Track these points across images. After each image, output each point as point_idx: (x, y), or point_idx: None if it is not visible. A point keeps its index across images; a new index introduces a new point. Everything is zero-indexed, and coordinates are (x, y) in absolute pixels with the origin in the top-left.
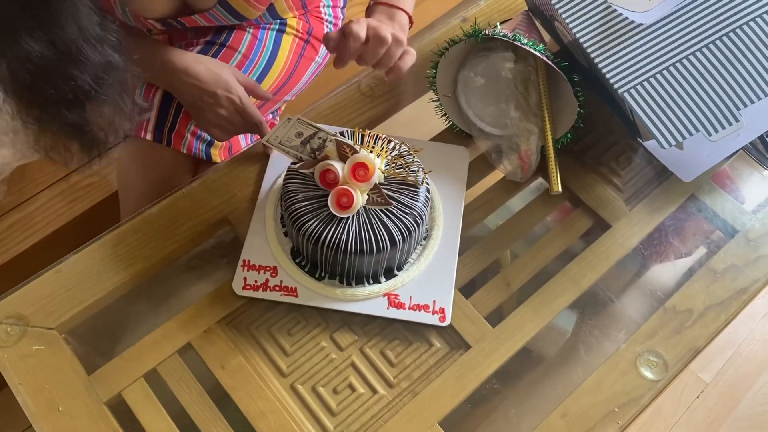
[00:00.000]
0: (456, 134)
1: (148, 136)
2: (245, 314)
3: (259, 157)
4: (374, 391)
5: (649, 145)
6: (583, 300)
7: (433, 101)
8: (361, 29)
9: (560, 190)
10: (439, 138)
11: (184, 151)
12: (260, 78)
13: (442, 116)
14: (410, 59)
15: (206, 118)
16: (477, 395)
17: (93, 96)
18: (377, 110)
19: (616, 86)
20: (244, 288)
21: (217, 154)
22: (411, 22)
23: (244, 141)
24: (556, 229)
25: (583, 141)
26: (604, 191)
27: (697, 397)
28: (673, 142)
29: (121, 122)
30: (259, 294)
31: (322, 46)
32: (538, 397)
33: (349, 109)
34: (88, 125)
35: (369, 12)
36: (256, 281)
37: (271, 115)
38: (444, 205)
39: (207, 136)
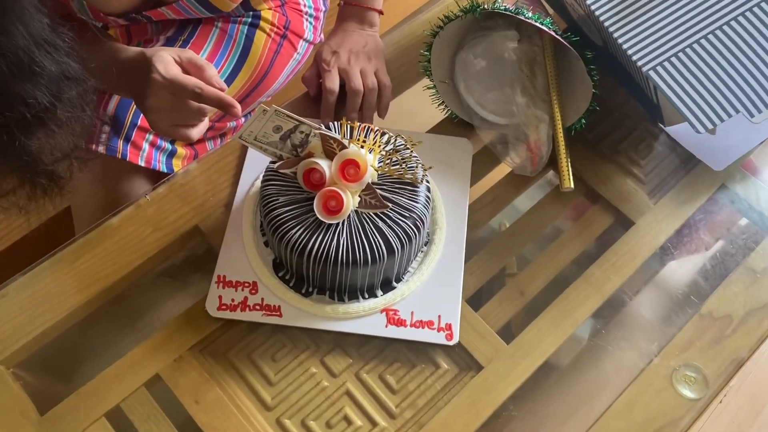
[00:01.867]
0: (456, 124)
1: (101, 149)
2: (222, 339)
3: (234, 157)
4: (374, 423)
5: (673, 130)
6: (607, 308)
7: (428, 88)
8: (333, 83)
9: (572, 186)
10: (438, 129)
11: (142, 165)
12: (231, 77)
13: (439, 105)
14: (387, 98)
15: (151, 119)
16: (492, 421)
17: (53, 114)
18: None
19: (639, 64)
20: (219, 308)
21: (180, 164)
22: (381, 13)
23: (211, 146)
24: (573, 229)
25: (598, 128)
26: (624, 184)
27: (720, 401)
28: (710, 126)
29: (83, 145)
30: (237, 315)
31: (302, 41)
32: (562, 421)
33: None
34: (46, 157)
35: (340, 15)
36: (233, 300)
37: (243, 119)
38: (446, 206)
39: (168, 146)
